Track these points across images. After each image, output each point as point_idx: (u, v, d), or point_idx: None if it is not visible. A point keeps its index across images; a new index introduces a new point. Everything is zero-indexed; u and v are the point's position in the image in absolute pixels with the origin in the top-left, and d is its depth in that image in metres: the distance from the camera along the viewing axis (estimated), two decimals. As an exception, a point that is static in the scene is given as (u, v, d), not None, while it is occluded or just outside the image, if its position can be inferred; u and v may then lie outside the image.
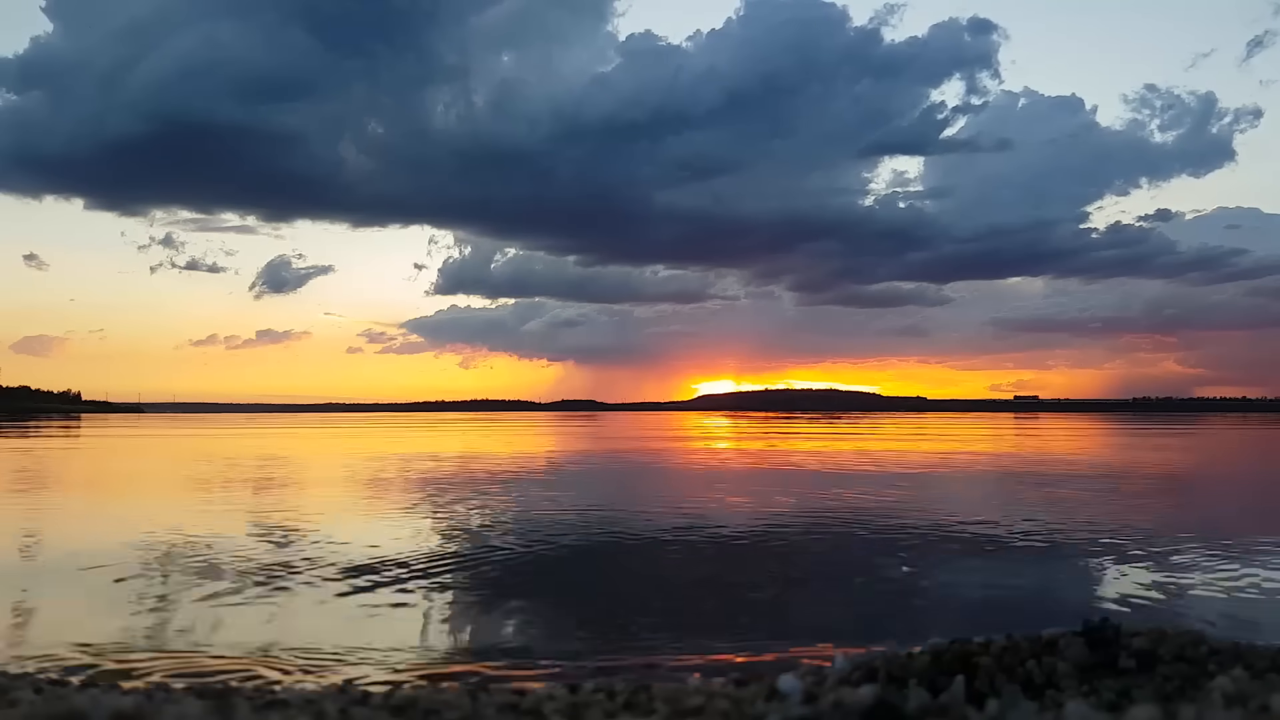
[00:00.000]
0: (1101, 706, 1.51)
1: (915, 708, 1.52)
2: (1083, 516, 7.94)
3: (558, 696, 1.82)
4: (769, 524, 7.39)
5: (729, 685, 1.81)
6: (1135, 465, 15.65)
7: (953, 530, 7.06)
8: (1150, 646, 1.68)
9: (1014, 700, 1.55)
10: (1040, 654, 1.70)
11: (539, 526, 7.15)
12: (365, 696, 1.86)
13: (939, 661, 1.70)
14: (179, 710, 1.71)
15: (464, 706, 1.76)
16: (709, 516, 7.85)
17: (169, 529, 6.95)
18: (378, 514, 8.35)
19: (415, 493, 10.07)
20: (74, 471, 13.90)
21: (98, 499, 9.99)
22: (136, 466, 15.46)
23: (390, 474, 12.71)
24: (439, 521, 7.62)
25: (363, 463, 15.48)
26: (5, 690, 1.97)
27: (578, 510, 8.32)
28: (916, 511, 8.40)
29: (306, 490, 10.67)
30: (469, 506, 8.72)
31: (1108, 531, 6.98)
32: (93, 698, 1.82)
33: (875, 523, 7.60)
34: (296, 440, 26.79)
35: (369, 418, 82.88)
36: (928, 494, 10.37)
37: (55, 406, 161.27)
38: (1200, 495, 10.86)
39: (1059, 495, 9.87)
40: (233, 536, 6.57)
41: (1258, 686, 1.50)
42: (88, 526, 7.58)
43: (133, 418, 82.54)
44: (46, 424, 48.28)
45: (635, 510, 8.53)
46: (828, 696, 1.59)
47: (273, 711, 1.75)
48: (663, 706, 1.70)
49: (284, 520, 7.66)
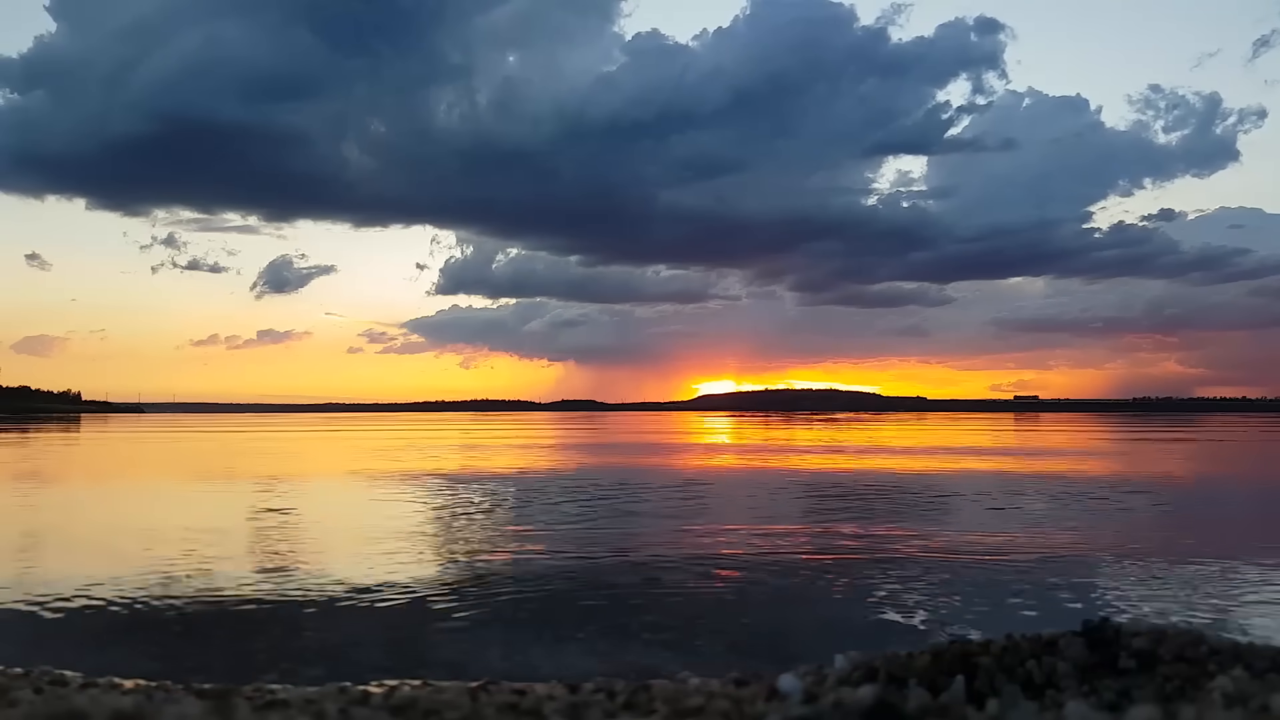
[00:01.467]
0: (1101, 706, 1.51)
1: (915, 708, 1.51)
2: (1082, 516, 7.95)
3: (558, 696, 1.82)
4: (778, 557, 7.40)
5: (729, 685, 1.81)
6: (1133, 465, 15.65)
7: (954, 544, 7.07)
8: (1150, 646, 1.68)
9: (1014, 700, 1.55)
10: (1040, 654, 1.70)
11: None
12: (365, 696, 1.86)
13: (939, 661, 1.70)
14: (179, 710, 1.71)
15: (464, 706, 1.76)
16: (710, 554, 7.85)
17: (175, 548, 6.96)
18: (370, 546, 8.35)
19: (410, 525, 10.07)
20: (55, 480, 13.91)
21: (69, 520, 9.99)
22: (132, 480, 15.46)
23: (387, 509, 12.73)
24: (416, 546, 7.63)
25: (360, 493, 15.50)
26: (5, 690, 1.96)
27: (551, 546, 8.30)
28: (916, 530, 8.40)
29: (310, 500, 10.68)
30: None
31: (1106, 532, 6.98)
32: (93, 698, 1.82)
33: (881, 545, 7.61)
34: (291, 444, 26.79)
35: (367, 418, 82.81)
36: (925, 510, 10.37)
37: (55, 407, 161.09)
38: (1198, 496, 10.86)
39: (1055, 495, 9.87)
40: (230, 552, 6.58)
41: (1258, 686, 1.50)
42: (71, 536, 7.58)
43: (132, 418, 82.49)
44: (44, 425, 48.24)
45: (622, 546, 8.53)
46: (828, 696, 1.59)
47: (273, 711, 1.74)
48: (663, 706, 1.70)
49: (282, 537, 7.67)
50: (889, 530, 7.05)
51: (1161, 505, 9.35)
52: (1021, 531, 6.98)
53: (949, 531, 6.98)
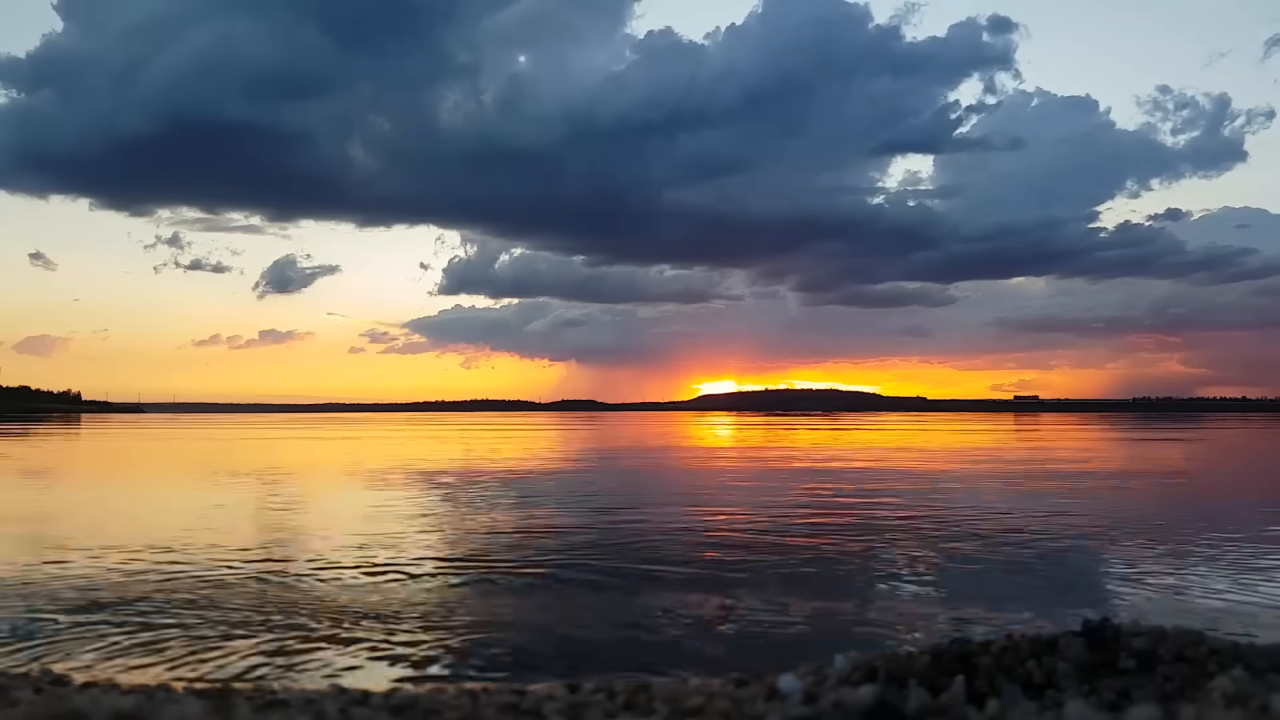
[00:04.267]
0: (1101, 706, 1.51)
1: (915, 708, 1.52)
2: (1081, 517, 7.95)
3: (558, 696, 1.82)
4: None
5: (729, 685, 1.81)
6: (1132, 465, 15.67)
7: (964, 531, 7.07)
8: (1150, 646, 1.68)
9: (1014, 700, 1.55)
10: (1040, 654, 1.70)
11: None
12: (365, 696, 1.86)
13: (939, 661, 1.70)
14: (179, 710, 1.71)
15: (464, 706, 1.76)
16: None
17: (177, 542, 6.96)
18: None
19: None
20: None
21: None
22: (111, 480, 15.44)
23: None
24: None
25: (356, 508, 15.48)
26: (5, 690, 1.96)
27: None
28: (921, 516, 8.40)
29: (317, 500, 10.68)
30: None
31: (1105, 532, 6.98)
32: (93, 698, 1.82)
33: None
34: (282, 447, 26.77)
35: (365, 418, 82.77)
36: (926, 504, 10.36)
37: (54, 407, 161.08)
38: (1198, 496, 10.86)
39: (1055, 494, 9.88)
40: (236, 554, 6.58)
41: (1258, 686, 1.50)
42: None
43: (131, 418, 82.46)
44: (38, 425, 48.22)
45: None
46: (828, 696, 1.60)
47: (273, 711, 1.75)
48: (663, 706, 1.70)
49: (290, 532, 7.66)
50: (888, 530, 7.06)
51: (1161, 505, 9.35)
52: (1021, 531, 6.98)
53: (949, 532, 6.99)
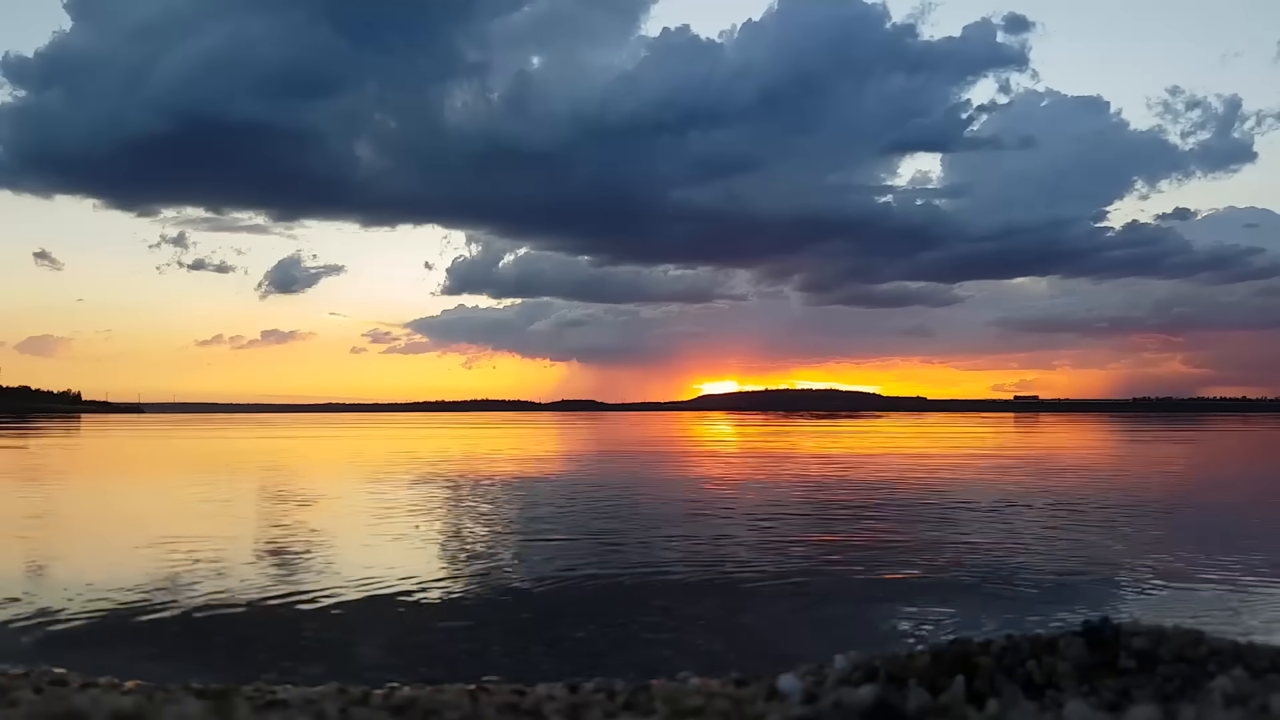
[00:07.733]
0: (1101, 706, 1.51)
1: (915, 708, 1.52)
2: (1080, 516, 7.95)
3: (558, 696, 1.82)
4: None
5: (729, 685, 1.81)
6: (1130, 465, 15.67)
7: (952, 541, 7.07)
8: (1150, 646, 1.68)
9: (1014, 700, 1.55)
10: (1040, 654, 1.70)
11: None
12: (365, 696, 1.86)
13: (939, 661, 1.70)
14: (179, 710, 1.71)
15: (464, 706, 1.76)
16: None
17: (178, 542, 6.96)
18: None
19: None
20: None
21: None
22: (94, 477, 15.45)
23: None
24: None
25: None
26: (5, 690, 1.96)
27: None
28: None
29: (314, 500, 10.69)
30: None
31: (1104, 532, 6.98)
32: (93, 698, 1.82)
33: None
34: (281, 446, 26.79)
35: (366, 418, 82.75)
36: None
37: (54, 407, 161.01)
38: (1197, 496, 10.87)
39: (1053, 494, 9.88)
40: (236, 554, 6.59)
41: (1258, 686, 1.50)
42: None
43: (130, 418, 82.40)
44: (34, 425, 48.22)
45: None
46: (828, 696, 1.59)
47: (273, 711, 1.74)
48: (663, 706, 1.70)
49: (292, 535, 7.67)
50: (886, 530, 7.06)
51: (1160, 505, 9.35)
52: (1020, 532, 6.98)
53: (947, 532, 6.99)
